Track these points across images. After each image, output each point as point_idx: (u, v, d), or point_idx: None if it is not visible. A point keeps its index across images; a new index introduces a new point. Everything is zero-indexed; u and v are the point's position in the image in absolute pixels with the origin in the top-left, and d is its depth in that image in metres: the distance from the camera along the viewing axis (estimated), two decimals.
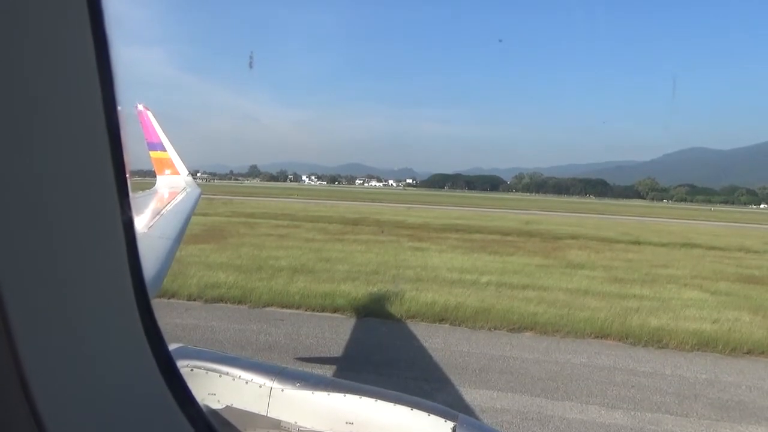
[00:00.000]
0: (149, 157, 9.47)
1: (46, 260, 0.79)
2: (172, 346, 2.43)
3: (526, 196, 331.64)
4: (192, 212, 6.56)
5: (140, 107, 9.31)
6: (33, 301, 0.76)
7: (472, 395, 8.08)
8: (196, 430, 1.17)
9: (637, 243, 31.80)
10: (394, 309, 12.31)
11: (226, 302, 12.66)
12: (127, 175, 0.92)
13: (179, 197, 7.39)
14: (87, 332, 0.90)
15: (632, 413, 7.82)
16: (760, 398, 8.64)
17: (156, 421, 1.12)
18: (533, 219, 51.53)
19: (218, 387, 2.20)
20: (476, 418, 4.30)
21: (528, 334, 11.45)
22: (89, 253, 0.89)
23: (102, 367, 0.94)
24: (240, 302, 12.65)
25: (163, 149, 9.21)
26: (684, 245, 31.90)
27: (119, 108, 0.88)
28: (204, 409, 2.16)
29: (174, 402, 1.13)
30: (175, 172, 9.19)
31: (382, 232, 29.95)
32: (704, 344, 10.95)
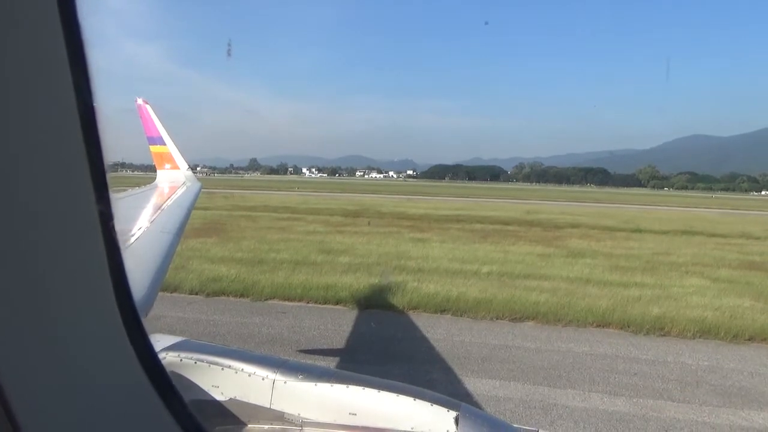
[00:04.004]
0: (149, 151, 9.46)
1: (19, 259, 0.77)
2: (175, 340, 2.44)
3: (527, 185, 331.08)
4: (192, 206, 6.57)
5: (139, 101, 9.29)
6: (5, 300, 0.75)
7: (474, 385, 8.11)
8: (181, 425, 1.17)
9: (638, 231, 31.78)
10: (396, 300, 12.34)
11: (228, 296, 12.71)
12: (106, 172, 0.91)
13: (179, 191, 7.39)
14: (64, 330, 0.88)
15: (634, 400, 7.86)
16: (762, 384, 8.67)
17: (139, 417, 1.11)
18: (534, 208, 51.47)
19: (221, 380, 2.21)
20: (479, 407, 4.32)
21: (530, 323, 11.48)
22: (63, 251, 0.87)
23: (80, 365, 0.93)
24: (242, 295, 12.69)
25: (163, 143, 9.20)
26: (685, 233, 31.90)
27: (95, 104, 0.86)
28: (207, 402, 2.18)
29: (158, 397, 1.12)
30: (175, 167, 9.18)
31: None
32: (706, 331, 10.97)
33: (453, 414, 2.02)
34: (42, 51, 0.79)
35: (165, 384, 1.14)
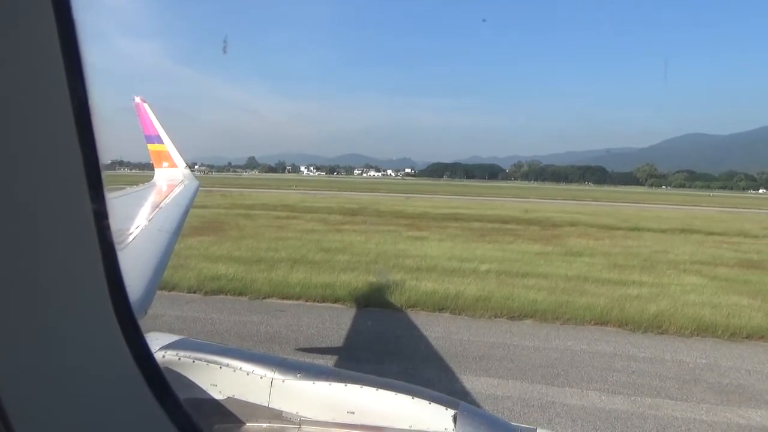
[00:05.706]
0: (147, 149, 9.44)
1: (12, 259, 0.77)
2: (173, 339, 2.44)
3: (525, 184, 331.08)
4: (190, 205, 6.55)
5: (137, 99, 9.27)
6: None
7: (473, 383, 8.12)
8: (175, 423, 1.16)
9: (637, 229, 31.84)
10: (395, 298, 12.34)
11: (226, 294, 12.69)
12: (101, 171, 0.90)
13: (177, 190, 7.38)
14: (58, 331, 0.87)
15: (632, 398, 7.87)
16: (760, 382, 8.69)
17: (134, 418, 1.10)
18: (532, 207, 51.51)
19: (220, 378, 2.21)
20: (477, 405, 4.33)
21: (528, 321, 11.49)
22: (57, 251, 0.86)
23: (75, 367, 0.92)
24: (240, 294, 12.67)
25: (161, 142, 9.18)
26: (683, 231, 31.95)
27: (90, 102, 0.85)
28: (206, 400, 2.18)
29: (153, 398, 1.12)
30: (173, 165, 9.16)
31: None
32: (703, 329, 10.99)
33: (451, 412, 2.02)
34: (35, 48, 0.78)
35: (161, 384, 1.14)
